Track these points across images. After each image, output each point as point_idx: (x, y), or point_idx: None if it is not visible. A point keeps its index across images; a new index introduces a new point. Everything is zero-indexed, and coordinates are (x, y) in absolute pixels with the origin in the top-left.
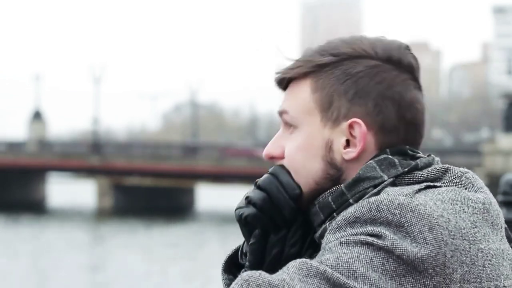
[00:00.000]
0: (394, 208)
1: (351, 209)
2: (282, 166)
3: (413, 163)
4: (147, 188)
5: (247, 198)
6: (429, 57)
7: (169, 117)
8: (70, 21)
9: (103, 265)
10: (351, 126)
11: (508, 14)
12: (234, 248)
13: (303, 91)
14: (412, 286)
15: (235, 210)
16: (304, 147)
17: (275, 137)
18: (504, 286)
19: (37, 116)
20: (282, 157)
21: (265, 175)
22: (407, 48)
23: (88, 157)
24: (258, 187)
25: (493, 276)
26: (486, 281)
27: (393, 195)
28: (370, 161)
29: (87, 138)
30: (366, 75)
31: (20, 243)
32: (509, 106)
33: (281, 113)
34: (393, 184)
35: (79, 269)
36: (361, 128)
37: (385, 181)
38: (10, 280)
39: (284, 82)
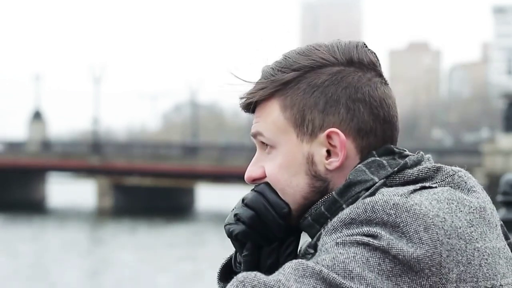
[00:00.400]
0: (389, 209)
1: (346, 211)
2: (268, 184)
3: (401, 162)
4: (147, 188)
5: (235, 215)
6: (429, 57)
7: (169, 117)
8: (70, 21)
9: (103, 265)
10: (329, 137)
11: (508, 14)
12: (228, 256)
13: (273, 111)
14: (408, 286)
15: (225, 226)
16: (286, 166)
17: (254, 159)
18: (500, 285)
19: (37, 116)
20: (264, 177)
21: (252, 193)
22: (364, 45)
23: (88, 157)
24: (246, 205)
25: (489, 275)
26: (483, 280)
27: (388, 196)
28: (359, 165)
29: (87, 138)
30: (332, 83)
31: (20, 243)
32: (509, 106)
33: (254, 135)
34: (384, 185)
35: (79, 269)
36: (339, 137)
37: (376, 183)
38: (10, 280)
39: (250, 106)
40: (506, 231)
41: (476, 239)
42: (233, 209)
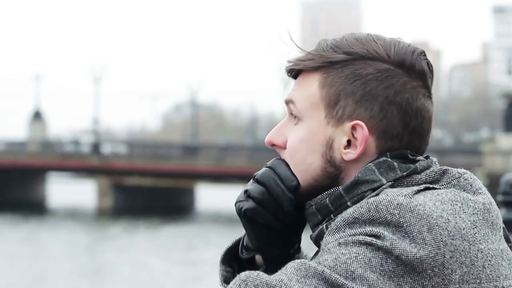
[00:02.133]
0: (393, 209)
1: (350, 210)
2: (281, 160)
3: (412, 166)
4: (147, 188)
5: (246, 191)
6: (429, 57)
7: (169, 117)
8: (70, 21)
9: (103, 265)
10: (353, 128)
11: (508, 14)
12: (234, 240)
13: (312, 84)
14: (410, 287)
15: (235, 203)
16: (306, 141)
17: (279, 125)
18: (503, 286)
19: (37, 116)
20: (283, 147)
21: (263, 169)
22: (422, 53)
23: (88, 157)
24: (257, 181)
25: (492, 276)
26: (486, 282)
27: (392, 196)
28: (369, 164)
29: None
30: (375, 78)
31: (20, 243)
32: (509, 106)
33: (287, 102)
34: (391, 187)
35: (78, 270)
36: (363, 131)
37: (383, 184)
38: (10, 280)
39: (293, 72)
40: (507, 234)
41: (480, 240)
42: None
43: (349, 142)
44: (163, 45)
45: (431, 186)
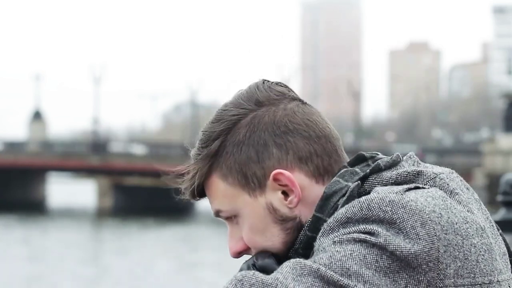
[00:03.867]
0: (385, 206)
1: (342, 210)
2: (264, 255)
3: (372, 164)
4: (147, 188)
5: None
6: (429, 57)
7: (169, 117)
8: (70, 21)
9: (103, 265)
10: (276, 179)
11: (508, 14)
12: None
13: (217, 185)
14: (406, 282)
15: None
16: (254, 226)
17: (229, 234)
18: (498, 280)
19: (37, 116)
20: (248, 248)
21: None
22: (265, 81)
23: (88, 157)
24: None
25: (487, 271)
26: (480, 276)
27: (384, 193)
28: (334, 178)
29: (87, 138)
30: (252, 131)
31: (20, 243)
32: (509, 106)
33: (216, 214)
34: (359, 187)
35: (78, 270)
36: (284, 175)
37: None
38: (10, 280)
39: (199, 192)
40: (509, 247)
41: (472, 235)
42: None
43: (284, 192)
44: (163, 45)
45: (420, 185)
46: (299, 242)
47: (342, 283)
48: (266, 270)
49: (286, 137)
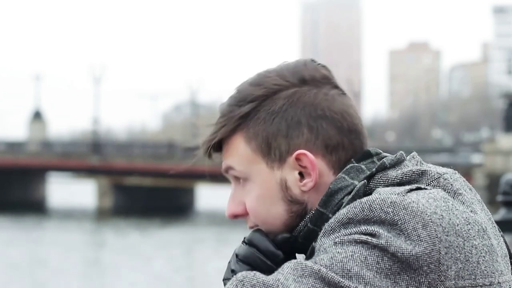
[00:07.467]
0: (387, 207)
1: (343, 211)
2: (258, 232)
3: (378, 163)
4: (147, 188)
5: (232, 271)
6: (429, 57)
7: (169, 117)
8: (70, 21)
9: (103, 265)
10: (298, 159)
11: (508, 14)
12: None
13: (238, 146)
14: (407, 284)
15: (223, 280)
16: (262, 196)
17: (232, 195)
18: (498, 282)
19: (37, 116)
20: (246, 213)
21: (244, 248)
22: (312, 61)
23: (88, 157)
24: (241, 261)
25: (488, 272)
26: (481, 278)
27: (385, 194)
28: (339, 174)
29: (87, 138)
30: (289, 106)
31: (20, 243)
32: (509, 106)
33: (226, 170)
34: (365, 186)
35: (78, 270)
36: (308, 157)
37: (356, 186)
38: (9, 280)
39: (216, 147)
40: (510, 250)
41: (474, 236)
42: (229, 262)
43: (301, 174)
44: (163, 45)
45: (422, 186)
46: (299, 231)
47: (343, 285)
48: (254, 244)
49: (320, 121)
